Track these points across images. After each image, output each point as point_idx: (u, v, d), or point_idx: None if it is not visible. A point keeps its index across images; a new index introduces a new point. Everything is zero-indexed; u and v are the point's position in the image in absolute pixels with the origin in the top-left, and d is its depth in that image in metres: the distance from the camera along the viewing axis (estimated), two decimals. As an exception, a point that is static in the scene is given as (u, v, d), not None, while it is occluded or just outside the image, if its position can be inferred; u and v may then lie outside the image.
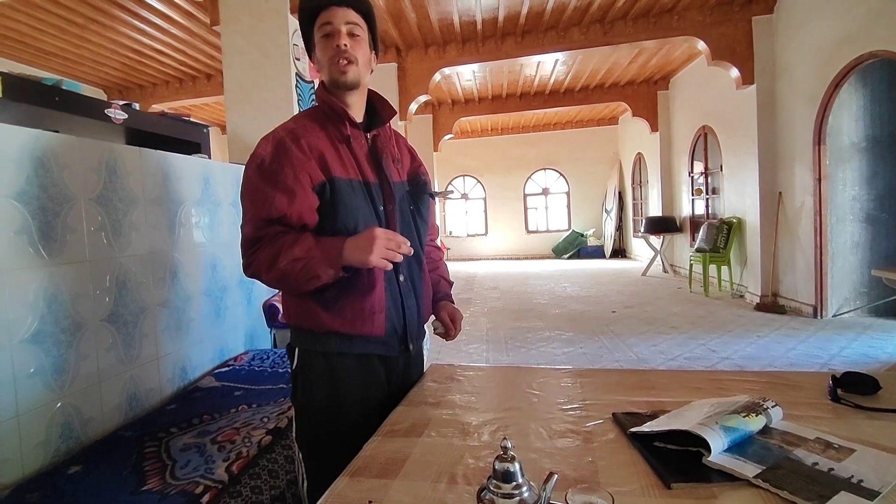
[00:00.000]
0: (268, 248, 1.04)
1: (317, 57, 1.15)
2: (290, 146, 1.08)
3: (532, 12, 5.55)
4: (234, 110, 3.25)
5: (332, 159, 1.10)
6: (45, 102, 1.59)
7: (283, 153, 1.08)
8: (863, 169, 4.65)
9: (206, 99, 7.55)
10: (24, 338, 1.26)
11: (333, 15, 1.11)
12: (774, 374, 1.27)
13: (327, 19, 1.11)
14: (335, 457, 0.94)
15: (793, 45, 5.02)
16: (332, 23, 1.10)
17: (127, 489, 1.17)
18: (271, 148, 1.09)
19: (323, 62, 1.13)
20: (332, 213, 1.08)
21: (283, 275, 1.02)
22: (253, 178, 1.09)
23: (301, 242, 1.03)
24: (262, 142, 1.12)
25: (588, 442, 0.92)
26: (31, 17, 4.96)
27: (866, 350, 3.77)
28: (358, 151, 1.15)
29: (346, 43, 1.11)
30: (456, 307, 1.35)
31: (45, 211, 1.33)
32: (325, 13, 1.11)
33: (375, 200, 1.14)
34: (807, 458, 0.81)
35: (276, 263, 1.02)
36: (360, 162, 1.14)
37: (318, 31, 1.13)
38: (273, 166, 1.06)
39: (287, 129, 1.13)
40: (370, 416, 1.10)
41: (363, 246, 1.01)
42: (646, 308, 5.73)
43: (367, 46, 1.16)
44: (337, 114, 1.14)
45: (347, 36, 1.11)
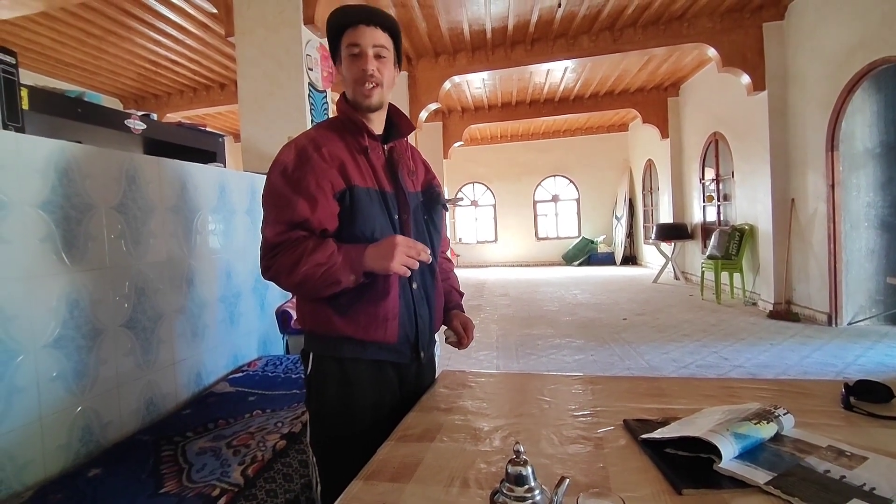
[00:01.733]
0: (289, 252, 1.06)
1: (342, 72, 1.17)
2: (311, 154, 1.11)
3: (542, 20, 5.58)
4: (248, 120, 3.31)
5: (352, 168, 1.13)
6: (67, 114, 1.64)
7: (305, 160, 1.10)
8: (877, 175, 4.60)
9: (219, 108, 7.67)
10: (47, 342, 1.29)
11: (361, 35, 1.12)
12: (786, 381, 1.26)
13: (355, 39, 1.12)
14: (348, 460, 0.96)
15: (804, 51, 5.00)
16: (359, 44, 1.12)
17: (145, 492, 1.20)
18: (294, 155, 1.11)
19: (348, 80, 1.16)
20: (351, 220, 1.11)
21: (305, 279, 1.04)
22: (276, 184, 1.11)
23: (323, 248, 1.05)
24: (284, 149, 1.14)
25: (599, 448, 0.93)
26: (52, 30, 5.09)
27: (882, 358, 3.71)
28: (375, 162, 1.17)
29: (374, 67, 1.13)
30: (468, 316, 1.37)
31: (69, 219, 1.37)
32: (354, 32, 1.12)
33: (391, 209, 1.16)
34: (818, 465, 0.81)
35: (297, 268, 1.04)
36: (377, 172, 1.16)
37: (345, 48, 1.14)
38: (296, 173, 1.09)
39: (309, 137, 1.16)
40: (382, 422, 1.11)
41: (384, 253, 1.04)
42: (657, 315, 5.70)
43: (392, 66, 1.18)
44: (357, 126, 1.17)
45: (374, 58, 1.13)
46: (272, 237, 1.08)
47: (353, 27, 1.12)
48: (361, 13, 1.14)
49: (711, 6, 5.40)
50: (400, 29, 1.20)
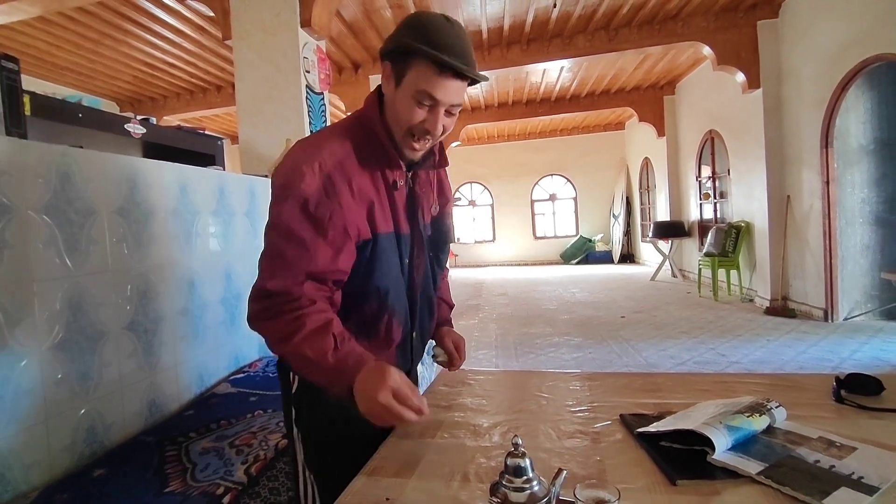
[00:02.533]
0: (281, 319, 0.89)
1: (396, 97, 0.95)
2: (340, 187, 0.92)
3: (537, 21, 5.61)
4: (246, 123, 3.33)
5: (378, 209, 0.97)
6: (69, 119, 1.66)
7: (332, 195, 0.91)
8: (871, 171, 4.64)
9: (216, 110, 7.68)
10: (51, 345, 1.31)
11: (445, 90, 0.91)
12: (780, 376, 1.29)
13: (436, 92, 0.90)
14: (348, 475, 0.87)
15: (798, 49, 5.04)
16: (438, 99, 0.91)
17: (151, 491, 1.21)
18: (318, 184, 0.90)
19: (401, 119, 0.95)
20: (367, 273, 0.97)
21: (286, 356, 0.93)
22: (292, 220, 0.90)
23: (319, 339, 0.88)
24: (305, 172, 0.91)
25: (596, 442, 0.95)
26: (48, 34, 5.11)
27: (877, 353, 3.75)
28: (398, 200, 1.01)
29: (442, 126, 0.95)
30: (459, 334, 1.24)
31: (71, 223, 1.39)
32: (439, 81, 0.90)
33: (403, 253, 1.03)
34: (809, 456, 0.83)
35: (283, 343, 0.89)
36: (397, 212, 1.01)
37: (416, 90, 0.91)
38: (321, 209, 0.90)
39: (336, 159, 0.93)
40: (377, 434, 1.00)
41: (371, 403, 0.83)
42: (655, 313, 5.73)
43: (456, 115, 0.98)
44: (388, 157, 0.99)
45: (445, 115, 0.95)
46: (273, 288, 0.89)
47: (438, 71, 0.89)
48: (459, 61, 0.89)
49: (706, 5, 5.43)
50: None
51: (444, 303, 1.28)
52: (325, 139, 0.97)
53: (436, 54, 0.87)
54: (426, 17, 0.93)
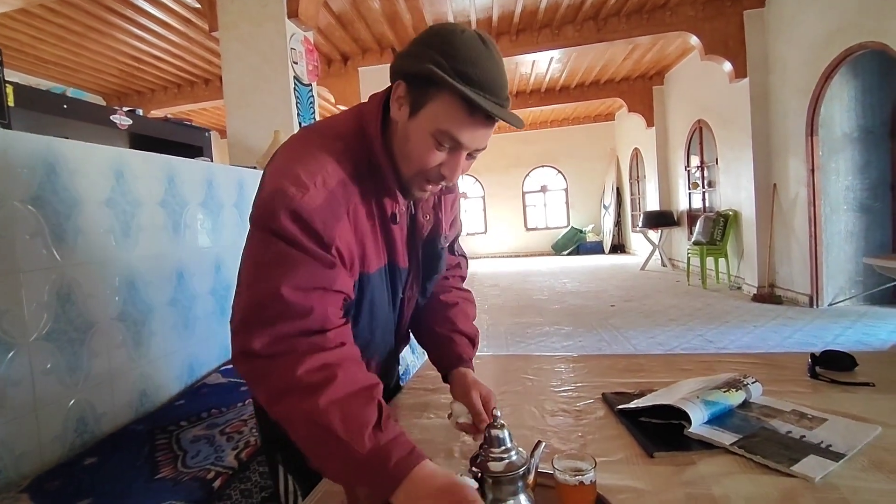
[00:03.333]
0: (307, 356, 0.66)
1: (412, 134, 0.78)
2: (343, 208, 0.76)
3: (526, 11, 5.60)
4: (234, 115, 3.31)
5: (370, 244, 0.83)
6: (53, 110, 1.65)
7: (339, 214, 0.75)
8: (855, 159, 4.71)
9: (204, 104, 7.62)
10: (39, 336, 1.31)
11: (473, 135, 0.76)
12: (759, 355, 1.32)
13: (460, 135, 0.75)
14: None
15: (784, 38, 5.07)
16: (461, 143, 0.76)
17: (141, 477, 1.23)
18: (323, 200, 0.73)
19: (414, 160, 0.79)
20: (356, 317, 0.83)
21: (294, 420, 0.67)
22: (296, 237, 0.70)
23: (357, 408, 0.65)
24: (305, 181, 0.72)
25: (578, 419, 0.98)
26: (30, 27, 5.03)
27: (861, 337, 3.82)
28: (396, 232, 0.87)
29: (460, 171, 0.81)
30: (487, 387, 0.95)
31: (58, 214, 1.38)
32: (468, 122, 0.74)
33: (397, 287, 0.91)
34: (781, 427, 0.86)
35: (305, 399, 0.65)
36: (394, 245, 0.88)
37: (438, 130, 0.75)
38: (329, 231, 0.73)
39: (338, 179, 0.76)
40: None
41: None
42: (644, 301, 5.79)
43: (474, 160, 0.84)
44: (388, 189, 0.83)
45: (466, 157, 0.80)
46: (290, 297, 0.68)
47: (468, 112, 0.73)
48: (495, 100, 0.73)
49: (693, -6, 5.46)
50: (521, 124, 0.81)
51: (462, 336, 1.04)
52: (325, 151, 0.78)
53: (468, 94, 0.70)
54: (458, 36, 0.74)
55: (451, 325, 1.03)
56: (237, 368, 0.71)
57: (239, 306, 0.72)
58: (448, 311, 1.05)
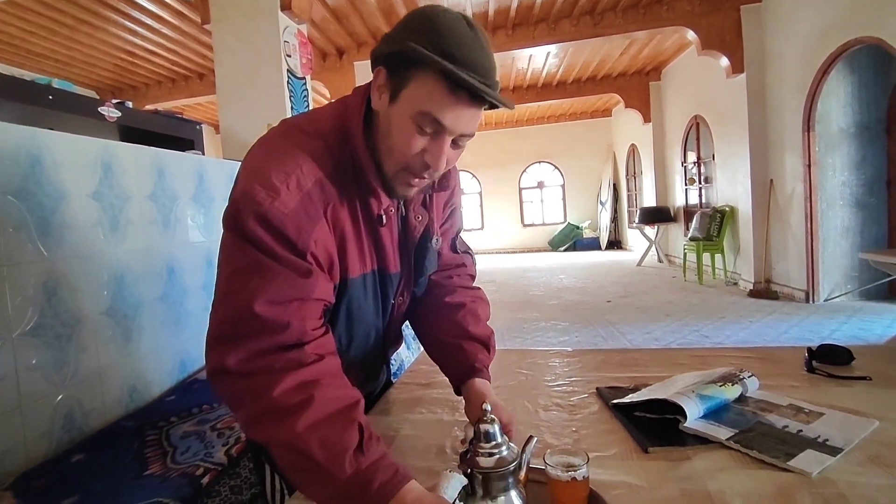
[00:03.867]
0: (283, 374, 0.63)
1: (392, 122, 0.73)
2: (319, 210, 0.72)
3: (522, 5, 5.57)
4: (226, 108, 3.28)
5: (352, 248, 0.78)
6: (38, 101, 1.62)
7: (314, 217, 0.70)
8: (852, 154, 4.70)
9: (198, 98, 7.56)
10: (24, 331, 1.29)
11: (457, 116, 0.70)
12: (755, 349, 1.31)
13: (445, 119, 0.70)
14: None
15: (781, 34, 5.06)
16: (445, 126, 0.70)
17: (129, 474, 1.21)
18: (297, 204, 0.68)
19: (396, 152, 0.74)
20: (332, 322, 0.80)
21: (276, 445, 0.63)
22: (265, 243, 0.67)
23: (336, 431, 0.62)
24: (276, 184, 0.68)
25: (572, 414, 0.96)
26: (21, 20, 4.96)
27: (856, 332, 3.82)
28: (385, 236, 0.82)
29: (446, 160, 0.74)
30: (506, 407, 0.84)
31: (43, 207, 1.36)
32: (450, 103, 0.69)
33: (388, 293, 0.86)
34: (778, 421, 0.85)
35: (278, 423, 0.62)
36: (383, 249, 0.82)
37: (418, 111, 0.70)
38: (303, 238, 0.68)
39: (315, 179, 0.72)
40: None
41: None
42: (640, 297, 5.79)
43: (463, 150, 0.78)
44: (370, 188, 0.77)
45: (452, 145, 0.74)
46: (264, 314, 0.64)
47: (450, 90, 0.68)
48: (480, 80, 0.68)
49: (690, -11, 5.43)
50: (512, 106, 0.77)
51: (473, 341, 0.93)
52: (301, 148, 0.73)
53: (450, 68, 0.65)
54: (439, 16, 0.69)
55: (460, 331, 0.94)
56: (213, 386, 0.67)
57: (214, 321, 0.68)
58: (455, 314, 0.95)
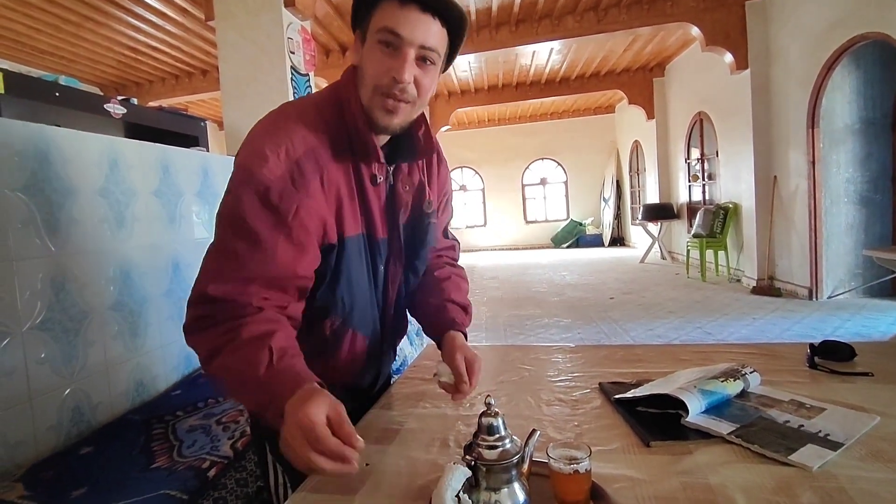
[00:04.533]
0: (218, 331, 0.73)
1: (361, 58, 0.81)
2: (310, 177, 0.77)
3: (525, 1, 5.56)
4: (230, 105, 3.29)
5: (348, 209, 0.83)
6: (45, 98, 1.63)
7: (300, 185, 0.76)
8: (856, 151, 4.68)
9: (202, 95, 7.58)
10: (33, 325, 1.30)
11: (407, 22, 0.75)
12: (757, 345, 1.31)
13: (396, 27, 0.75)
14: None
15: (786, 29, 5.03)
16: (401, 36, 0.75)
17: (137, 467, 1.22)
18: (284, 172, 0.75)
19: (367, 76, 0.80)
20: (332, 282, 0.84)
21: (219, 374, 0.73)
22: (248, 212, 0.74)
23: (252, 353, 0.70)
24: (268, 156, 0.75)
25: (574, 409, 0.97)
26: (27, 17, 4.98)
27: (860, 329, 3.82)
28: (373, 199, 0.87)
29: (413, 76, 0.78)
30: (473, 350, 0.94)
31: (50, 203, 1.37)
32: (398, 12, 0.75)
33: (377, 259, 0.90)
34: (779, 417, 0.85)
35: (214, 359, 0.73)
36: (371, 213, 0.87)
37: (376, 31, 0.77)
38: (285, 203, 0.75)
39: (307, 147, 0.78)
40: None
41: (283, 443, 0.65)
42: (643, 294, 5.78)
43: (436, 75, 0.82)
44: (367, 150, 0.83)
45: (417, 62, 0.78)
46: (216, 292, 0.73)
47: (400, 4, 0.75)
48: None
49: (694, -15, 5.41)
50: (467, 24, 0.82)
51: (453, 304, 1.03)
52: (295, 121, 0.80)
53: None
54: None
55: (445, 295, 1.02)
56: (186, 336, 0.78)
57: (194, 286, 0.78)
58: (441, 283, 1.04)
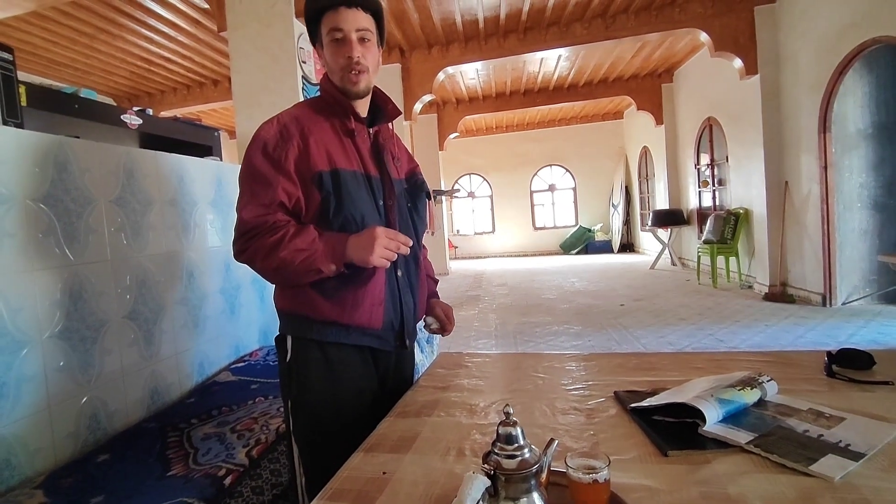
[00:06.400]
0: (268, 235, 1.01)
1: (324, 57, 1.12)
2: (293, 132, 1.07)
3: (534, 9, 5.58)
4: (242, 114, 3.32)
5: (337, 151, 1.09)
6: (65, 110, 1.66)
7: (287, 138, 1.06)
8: (869, 156, 4.63)
9: (213, 104, 7.67)
10: (52, 333, 1.33)
11: (343, 19, 1.06)
12: (773, 353, 1.30)
13: (337, 24, 1.06)
14: (334, 452, 0.92)
15: (796, 34, 5.01)
16: (342, 29, 1.06)
17: (153, 475, 1.23)
18: (275, 131, 1.07)
19: (333, 67, 1.10)
20: (339, 204, 1.06)
21: (282, 264, 1.00)
22: (256, 162, 1.06)
23: (304, 234, 1.01)
24: (265, 125, 1.10)
25: (590, 418, 0.97)
26: (43, 30, 5.09)
27: (875, 336, 3.76)
28: (361, 145, 1.14)
29: (359, 53, 1.08)
30: (446, 303, 1.34)
31: (69, 213, 1.40)
32: (335, 15, 1.06)
33: (376, 194, 1.13)
34: (798, 426, 0.85)
35: (275, 252, 1.00)
36: (362, 155, 1.13)
37: (326, 33, 1.09)
38: (278, 151, 1.05)
39: (291, 115, 1.11)
40: (365, 411, 1.10)
41: (365, 244, 1.00)
42: (654, 301, 5.74)
43: (376, 48, 1.13)
44: (343, 108, 1.13)
45: (358, 43, 1.08)
46: (250, 219, 1.03)
47: (334, 10, 1.06)
48: None
49: (703, -9, 5.40)
50: (382, 7, 1.14)
51: (428, 277, 1.35)
52: (287, 109, 1.16)
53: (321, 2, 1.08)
54: None
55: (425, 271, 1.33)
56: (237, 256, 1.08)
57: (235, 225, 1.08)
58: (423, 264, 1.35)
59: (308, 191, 1.06)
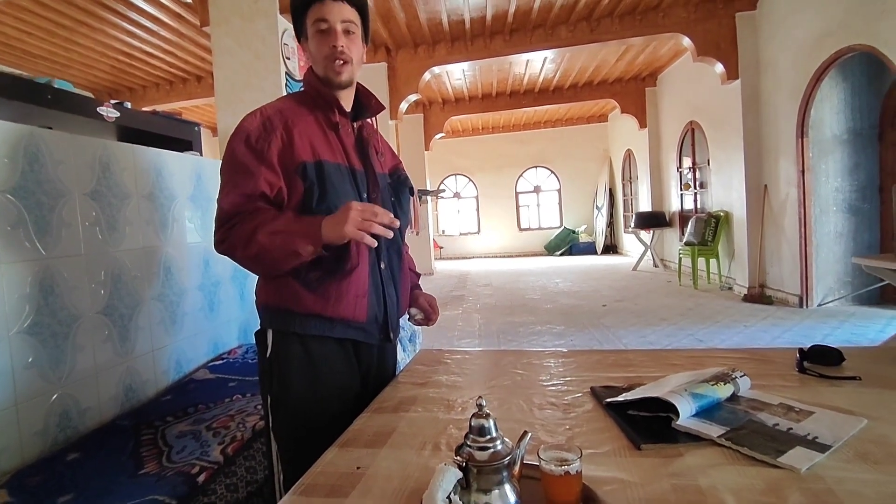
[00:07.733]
0: (246, 222, 1.01)
1: (309, 49, 1.13)
2: (277, 125, 1.07)
3: (519, 11, 5.61)
4: (225, 111, 3.28)
5: (321, 144, 1.10)
6: (37, 100, 1.62)
7: (270, 130, 1.06)
8: (845, 160, 4.74)
9: (196, 101, 7.56)
10: (20, 329, 1.29)
11: (329, 11, 1.08)
12: (748, 350, 1.32)
13: (322, 15, 1.08)
14: (314, 448, 0.90)
15: (775, 41, 5.11)
16: (327, 20, 1.08)
17: (125, 473, 1.21)
18: (259, 123, 1.08)
19: (317, 58, 1.12)
20: (322, 195, 1.06)
21: (261, 250, 0.99)
22: (238, 152, 1.06)
23: (281, 217, 1.02)
24: (248, 116, 1.10)
25: (566, 413, 0.97)
26: (18, 20, 4.96)
27: (849, 337, 3.85)
28: (345, 139, 1.14)
29: (343, 44, 1.09)
30: (429, 294, 1.36)
31: (41, 205, 1.36)
32: (320, 7, 1.08)
33: (360, 188, 1.14)
34: (769, 420, 0.86)
35: (254, 237, 0.99)
36: (346, 149, 1.14)
37: (311, 25, 1.10)
38: (261, 143, 1.05)
39: (275, 108, 1.12)
40: (346, 408, 1.08)
41: (339, 219, 0.97)
42: (636, 301, 5.80)
43: (360, 42, 1.15)
44: (327, 101, 1.14)
45: (343, 34, 1.10)
46: (229, 208, 1.03)
47: (320, 2, 1.08)
48: None
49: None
50: (367, 2, 1.16)
51: (410, 271, 1.36)
52: (273, 101, 1.17)
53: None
54: None
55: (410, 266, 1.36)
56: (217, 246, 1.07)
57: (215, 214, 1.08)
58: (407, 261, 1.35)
59: (291, 181, 1.06)
